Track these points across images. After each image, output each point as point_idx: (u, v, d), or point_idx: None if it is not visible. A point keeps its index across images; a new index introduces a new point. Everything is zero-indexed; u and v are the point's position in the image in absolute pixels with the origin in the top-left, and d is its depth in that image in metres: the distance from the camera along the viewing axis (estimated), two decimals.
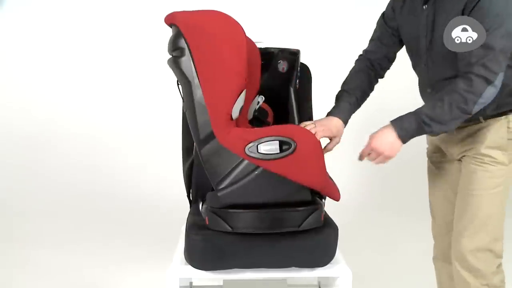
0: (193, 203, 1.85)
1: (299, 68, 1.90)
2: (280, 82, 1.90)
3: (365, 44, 2.03)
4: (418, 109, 1.63)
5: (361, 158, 1.78)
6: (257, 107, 1.80)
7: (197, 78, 1.50)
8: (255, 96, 1.76)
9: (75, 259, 3.03)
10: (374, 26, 2.00)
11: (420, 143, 2.21)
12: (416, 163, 4.12)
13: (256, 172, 1.49)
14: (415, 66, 1.87)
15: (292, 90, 1.87)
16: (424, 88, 1.84)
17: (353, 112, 1.86)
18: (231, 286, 1.92)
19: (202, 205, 1.61)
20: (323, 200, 1.64)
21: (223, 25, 1.58)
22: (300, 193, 1.54)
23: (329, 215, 1.71)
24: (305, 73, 1.94)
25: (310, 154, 1.50)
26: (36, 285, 2.72)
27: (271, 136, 1.48)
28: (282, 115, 1.88)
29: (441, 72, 1.71)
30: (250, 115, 1.78)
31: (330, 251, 1.61)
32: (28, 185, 4.12)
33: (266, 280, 1.97)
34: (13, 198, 3.99)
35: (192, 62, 1.51)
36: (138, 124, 4.41)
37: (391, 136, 1.65)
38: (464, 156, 1.77)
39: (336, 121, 1.79)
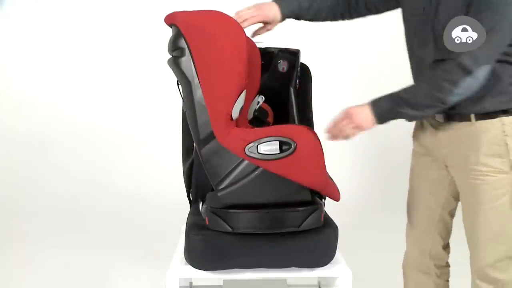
0: (193, 203, 1.85)
1: (299, 68, 1.90)
2: (280, 82, 1.89)
3: (365, 44, 2.03)
4: (396, 91, 1.59)
5: (329, 131, 1.67)
6: (257, 107, 1.80)
7: (197, 78, 1.50)
8: (255, 96, 1.76)
9: (75, 259, 3.03)
10: (374, 26, 1.98)
11: None
12: None
13: (256, 173, 1.50)
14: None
15: (292, 90, 1.87)
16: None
17: (298, 12, 1.77)
18: (231, 286, 1.92)
19: (202, 205, 1.61)
20: (323, 200, 1.64)
21: (223, 25, 1.58)
22: (300, 193, 1.54)
23: (329, 215, 1.71)
24: (305, 73, 1.94)
25: (310, 155, 1.50)
26: (36, 285, 2.72)
27: (271, 136, 1.48)
28: (282, 115, 1.88)
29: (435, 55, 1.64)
30: (250, 115, 1.78)
31: (330, 251, 1.61)
32: (28, 185, 4.12)
33: (266, 280, 1.97)
34: (13, 198, 3.99)
35: (192, 63, 1.51)
36: (138, 124, 4.41)
37: (366, 111, 1.61)
38: (454, 166, 1.67)
39: (274, 7, 1.73)
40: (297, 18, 1.82)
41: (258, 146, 1.47)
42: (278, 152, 1.46)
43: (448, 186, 1.76)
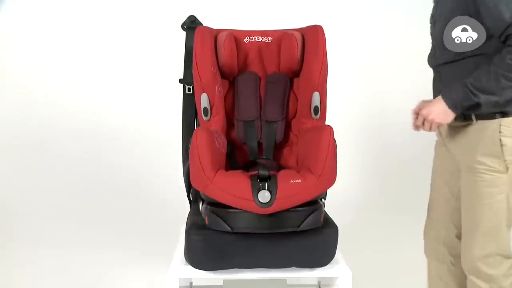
0: (193, 203, 1.85)
1: None
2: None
3: (364, 44, 2.03)
4: (466, 79, 1.61)
5: (416, 128, 1.77)
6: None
7: None
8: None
9: (75, 259, 3.03)
10: (374, 26, 2.00)
11: (420, 144, 2.22)
12: (416, 163, 4.13)
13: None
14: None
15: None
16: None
17: None
18: (231, 286, 1.92)
19: (202, 205, 1.61)
20: (323, 200, 1.64)
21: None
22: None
23: (329, 215, 1.71)
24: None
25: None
26: (36, 285, 2.72)
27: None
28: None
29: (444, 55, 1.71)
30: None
31: (330, 251, 1.61)
32: (28, 185, 4.12)
33: (266, 280, 1.97)
34: (13, 198, 3.99)
35: None
36: (138, 124, 4.41)
37: (441, 105, 1.65)
38: (459, 161, 1.76)
39: None
40: None
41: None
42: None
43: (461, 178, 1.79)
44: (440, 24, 1.71)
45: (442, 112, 1.65)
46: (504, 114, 1.62)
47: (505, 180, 1.63)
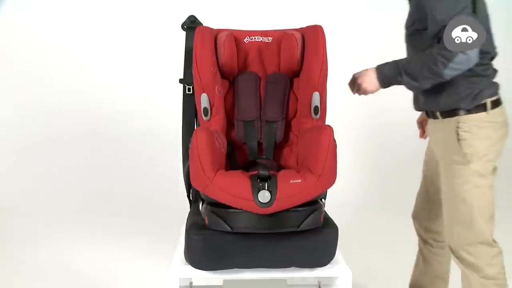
0: (193, 203, 1.85)
1: None
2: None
3: (364, 44, 2.05)
4: (400, 59, 1.80)
5: (352, 91, 1.95)
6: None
7: None
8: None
9: (75, 259, 3.03)
10: (374, 26, 2.02)
11: (420, 144, 2.22)
12: (416, 163, 4.13)
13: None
14: None
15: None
16: None
17: None
18: (231, 286, 1.92)
19: (202, 205, 1.61)
20: (323, 200, 1.64)
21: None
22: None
23: (329, 215, 1.71)
24: None
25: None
26: (36, 285, 2.72)
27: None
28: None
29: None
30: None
31: (330, 251, 1.61)
32: (28, 185, 4.13)
33: (266, 280, 1.97)
34: (13, 198, 3.99)
35: None
36: (138, 124, 4.41)
37: (372, 75, 1.85)
38: (438, 158, 1.89)
39: None
40: None
41: None
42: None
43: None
44: (406, 26, 1.90)
45: (371, 82, 1.85)
46: (462, 111, 1.75)
47: (469, 172, 1.74)
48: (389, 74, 1.80)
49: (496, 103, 1.76)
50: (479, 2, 1.73)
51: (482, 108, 1.74)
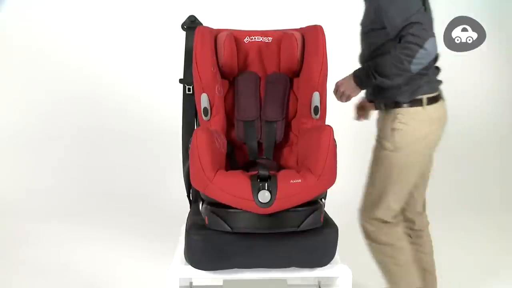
0: (193, 203, 1.85)
1: None
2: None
3: None
4: (369, 63, 1.93)
5: (338, 99, 2.05)
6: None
7: None
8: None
9: (75, 259, 3.03)
10: None
11: None
12: None
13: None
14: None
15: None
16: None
17: None
18: (231, 286, 1.92)
19: (202, 205, 1.61)
20: (323, 200, 1.64)
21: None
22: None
23: (329, 215, 1.71)
24: None
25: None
26: (36, 285, 2.72)
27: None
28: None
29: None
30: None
31: (330, 251, 1.61)
32: (28, 185, 4.12)
33: (266, 280, 1.97)
34: (13, 198, 3.99)
35: None
36: (138, 124, 4.41)
37: (351, 80, 1.97)
38: None
39: None
40: None
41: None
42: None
43: None
44: (361, 24, 2.06)
45: (351, 87, 1.96)
46: (401, 104, 1.92)
47: (392, 159, 1.95)
48: (363, 78, 1.92)
49: (433, 100, 1.94)
50: (427, 3, 1.92)
51: (419, 103, 1.92)
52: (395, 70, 1.81)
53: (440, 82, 1.99)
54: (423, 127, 1.93)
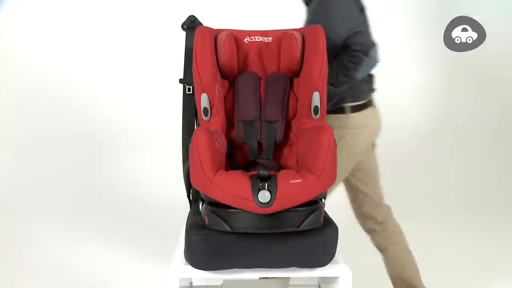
0: (193, 203, 1.85)
1: None
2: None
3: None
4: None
5: None
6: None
7: None
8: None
9: (75, 259, 3.04)
10: (374, 26, 2.04)
11: (420, 144, 2.22)
12: (415, 163, 4.13)
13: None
14: None
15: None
16: None
17: None
18: (231, 286, 1.92)
19: (202, 205, 1.61)
20: (323, 200, 1.64)
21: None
22: None
23: (329, 215, 1.71)
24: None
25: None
26: (36, 285, 2.73)
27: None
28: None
29: None
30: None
31: (330, 251, 1.60)
32: (28, 185, 4.13)
33: (266, 280, 1.97)
34: (13, 198, 3.99)
35: None
36: (138, 123, 4.41)
37: None
38: None
39: None
40: None
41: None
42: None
43: None
44: None
45: None
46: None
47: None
48: None
49: (357, 108, 2.05)
50: (365, 9, 2.06)
51: (342, 110, 2.05)
52: (343, 78, 1.91)
53: (372, 90, 2.09)
54: (345, 134, 2.06)
